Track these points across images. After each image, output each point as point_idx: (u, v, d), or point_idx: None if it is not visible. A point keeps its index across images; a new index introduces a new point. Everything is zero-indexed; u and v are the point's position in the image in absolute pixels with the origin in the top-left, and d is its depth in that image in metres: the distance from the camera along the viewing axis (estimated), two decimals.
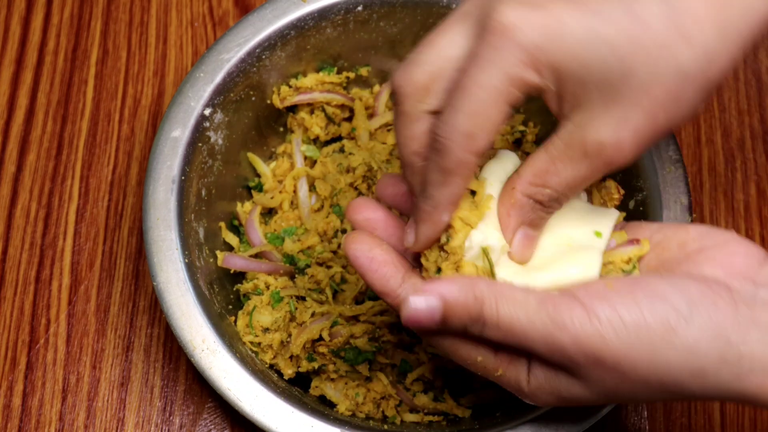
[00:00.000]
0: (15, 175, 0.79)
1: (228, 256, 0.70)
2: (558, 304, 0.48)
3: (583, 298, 0.48)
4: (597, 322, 0.47)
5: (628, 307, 0.48)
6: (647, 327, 0.47)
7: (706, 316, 0.48)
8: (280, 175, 0.76)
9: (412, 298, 0.49)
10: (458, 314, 0.49)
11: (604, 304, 0.48)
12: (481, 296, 0.49)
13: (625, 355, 0.47)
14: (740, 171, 0.80)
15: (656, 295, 0.48)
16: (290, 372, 0.68)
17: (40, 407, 0.72)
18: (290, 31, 0.72)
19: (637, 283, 0.49)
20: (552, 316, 0.48)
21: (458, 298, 0.49)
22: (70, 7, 0.85)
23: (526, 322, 0.48)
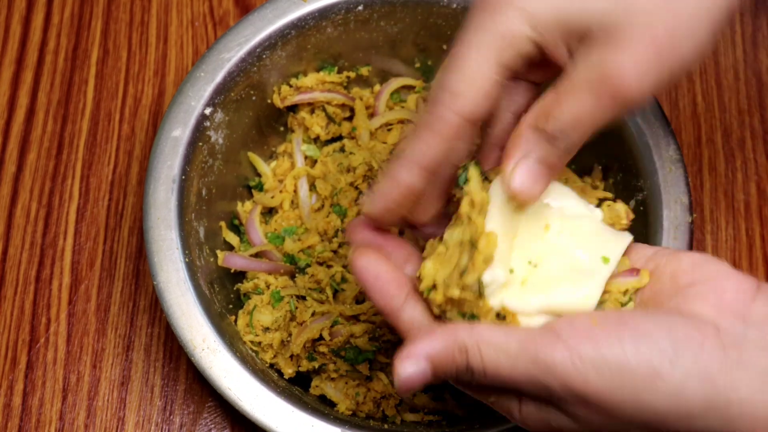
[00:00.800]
0: (15, 174, 0.79)
1: (228, 255, 0.70)
2: (540, 345, 0.47)
3: (566, 338, 0.47)
4: (579, 362, 0.46)
5: (611, 347, 0.46)
6: (631, 368, 0.46)
7: (692, 358, 0.46)
8: (281, 174, 0.76)
9: (400, 366, 0.49)
10: (446, 368, 0.49)
11: (587, 344, 0.47)
12: (464, 346, 0.48)
13: (609, 396, 0.47)
14: (740, 171, 0.80)
15: (642, 335, 0.47)
16: (290, 371, 0.68)
17: (40, 406, 0.72)
18: (291, 30, 0.72)
19: (624, 322, 0.48)
20: (534, 358, 0.47)
21: (442, 353, 0.49)
22: (70, 7, 0.85)
23: (510, 367, 0.48)
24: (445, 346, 0.49)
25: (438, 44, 0.76)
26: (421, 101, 0.77)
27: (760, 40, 0.85)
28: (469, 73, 0.49)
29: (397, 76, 0.78)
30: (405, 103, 0.78)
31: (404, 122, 0.76)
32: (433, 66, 0.78)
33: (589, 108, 0.49)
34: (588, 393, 0.47)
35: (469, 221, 0.50)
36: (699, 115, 0.82)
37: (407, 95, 0.78)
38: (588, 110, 0.49)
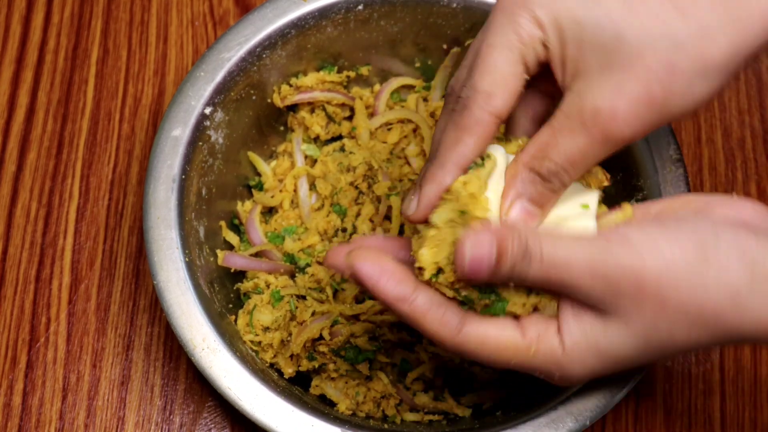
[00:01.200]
0: (15, 174, 0.79)
1: (228, 255, 0.70)
2: (595, 237, 0.49)
3: (620, 231, 0.49)
4: (637, 249, 0.48)
5: (663, 236, 0.48)
6: (682, 250, 0.48)
7: (731, 239, 0.48)
8: (281, 174, 0.76)
9: (468, 244, 0.49)
10: (510, 252, 0.48)
11: (640, 235, 0.48)
12: (525, 235, 0.49)
13: (666, 279, 0.48)
14: (740, 170, 0.80)
15: (684, 221, 0.49)
16: (290, 371, 0.68)
17: (40, 406, 0.72)
18: (291, 30, 0.72)
19: (663, 220, 0.51)
20: (592, 246, 0.48)
21: (507, 236, 0.49)
22: (70, 6, 0.85)
23: (566, 255, 0.48)
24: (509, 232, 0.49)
25: (438, 44, 0.76)
26: (420, 101, 0.77)
27: None
28: (500, 73, 0.51)
29: (397, 76, 0.78)
30: (405, 103, 0.78)
31: (404, 122, 0.76)
32: (432, 66, 0.78)
33: (582, 146, 0.51)
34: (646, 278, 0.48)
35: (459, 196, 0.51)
36: (699, 114, 0.82)
37: (407, 95, 0.78)
38: (581, 148, 0.51)
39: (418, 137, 0.76)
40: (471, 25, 0.74)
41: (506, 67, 0.51)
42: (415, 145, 0.75)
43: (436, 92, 0.78)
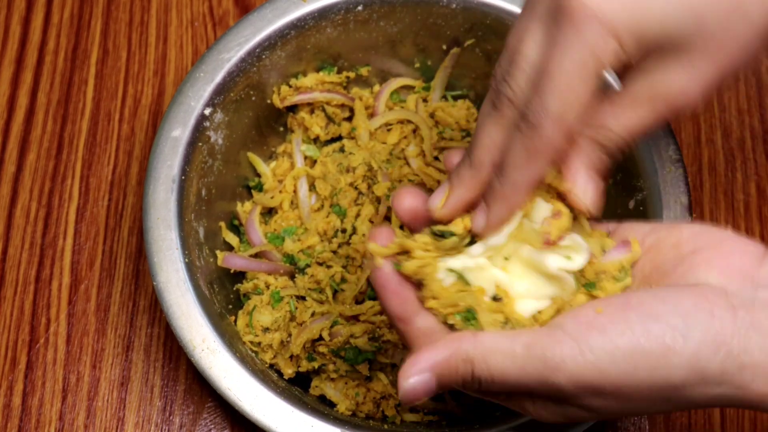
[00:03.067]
0: (15, 174, 0.79)
1: (228, 255, 0.70)
2: (547, 344, 0.47)
3: (572, 332, 0.47)
4: (591, 354, 0.46)
5: (621, 333, 0.46)
6: (644, 351, 0.46)
7: (704, 328, 0.46)
8: (280, 174, 0.76)
9: (404, 378, 0.49)
10: (451, 378, 0.49)
11: (595, 334, 0.46)
12: (468, 357, 0.48)
13: (625, 381, 0.46)
14: (740, 171, 0.80)
15: (649, 316, 0.46)
16: (290, 372, 0.68)
17: (40, 407, 0.72)
18: (290, 30, 0.72)
19: (628, 304, 0.47)
20: (542, 359, 0.47)
21: (446, 364, 0.49)
22: (70, 7, 0.85)
23: (518, 372, 0.47)
24: (449, 356, 0.49)
25: (438, 44, 0.76)
26: (420, 101, 0.77)
27: None
28: (571, 90, 0.48)
29: (396, 76, 0.78)
30: (404, 103, 0.78)
31: (404, 122, 0.76)
32: (432, 66, 0.78)
33: (645, 121, 0.51)
34: (603, 384, 0.46)
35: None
36: (698, 114, 0.82)
37: (407, 95, 0.78)
38: (642, 123, 0.51)
39: (417, 138, 0.76)
40: (470, 26, 0.74)
41: (579, 86, 0.48)
42: (414, 146, 0.75)
43: (435, 93, 0.78)
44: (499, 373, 0.48)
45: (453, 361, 0.49)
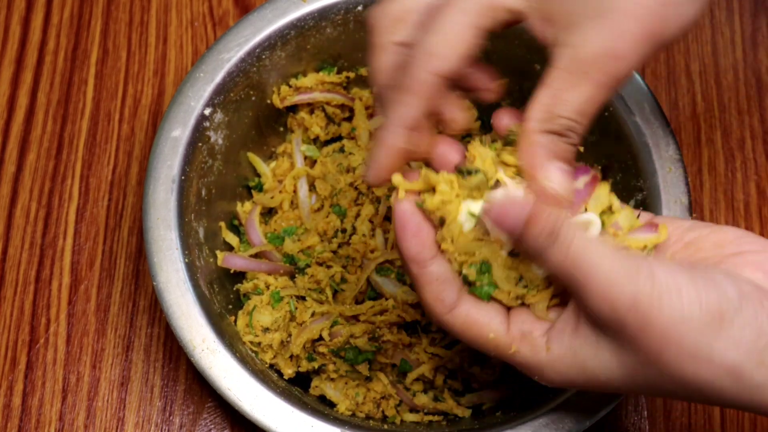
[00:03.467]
0: (15, 174, 0.79)
1: (228, 256, 0.70)
2: (629, 260, 0.47)
3: (652, 264, 0.47)
4: (659, 288, 0.46)
5: (687, 288, 0.47)
6: (701, 308, 0.46)
7: (753, 312, 0.47)
8: (280, 174, 0.76)
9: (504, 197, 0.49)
10: (540, 224, 0.48)
11: (667, 278, 0.47)
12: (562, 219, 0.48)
13: (676, 327, 0.46)
14: (740, 171, 0.80)
15: (712, 281, 0.47)
16: (290, 372, 0.68)
17: (40, 407, 0.72)
18: (290, 30, 0.72)
19: (695, 266, 0.49)
20: (621, 267, 0.47)
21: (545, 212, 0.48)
22: (70, 7, 0.85)
23: (593, 260, 0.47)
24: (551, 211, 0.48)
25: None
26: None
27: (760, 40, 0.85)
28: (449, 32, 0.50)
29: None
30: None
31: None
32: None
33: (588, 95, 0.50)
34: (656, 319, 0.46)
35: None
36: (699, 115, 0.82)
37: None
38: (588, 98, 0.50)
39: None
40: None
41: (460, 29, 0.50)
42: None
43: None
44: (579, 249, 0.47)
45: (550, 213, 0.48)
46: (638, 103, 0.69)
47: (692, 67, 0.84)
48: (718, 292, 0.47)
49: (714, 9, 0.86)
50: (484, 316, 0.52)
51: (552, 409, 0.60)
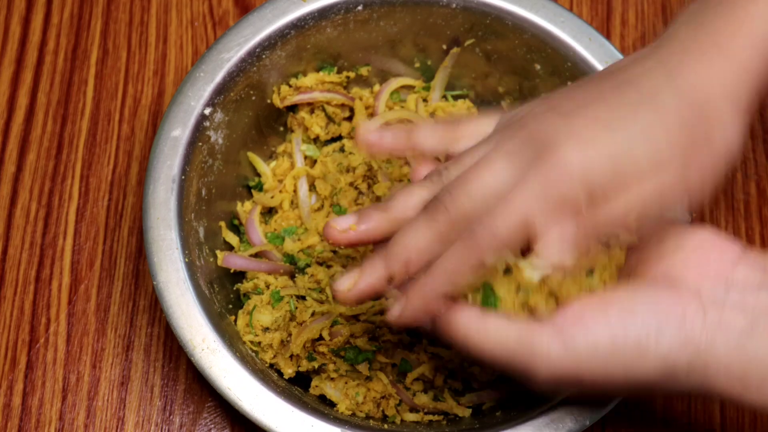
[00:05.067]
0: (15, 174, 0.79)
1: (228, 255, 0.70)
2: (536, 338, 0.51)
3: (560, 326, 0.51)
4: (574, 352, 0.50)
5: (601, 330, 0.50)
6: (621, 347, 0.50)
7: (675, 330, 0.50)
8: (280, 174, 0.76)
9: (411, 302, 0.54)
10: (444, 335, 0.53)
11: (580, 330, 0.51)
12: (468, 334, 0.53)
13: (602, 375, 0.51)
14: (740, 170, 0.80)
15: (629, 314, 0.51)
16: (290, 371, 0.68)
17: (40, 406, 0.72)
18: (290, 30, 0.72)
19: (610, 302, 0.51)
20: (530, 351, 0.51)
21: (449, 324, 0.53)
22: (70, 7, 0.85)
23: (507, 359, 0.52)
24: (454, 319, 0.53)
25: (438, 44, 0.76)
26: (420, 101, 0.77)
27: None
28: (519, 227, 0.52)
29: (396, 76, 0.78)
30: (405, 103, 0.78)
31: (404, 122, 0.76)
32: (432, 66, 0.78)
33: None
34: (581, 376, 0.51)
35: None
36: None
37: (407, 95, 0.78)
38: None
39: None
40: (471, 25, 0.74)
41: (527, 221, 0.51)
42: None
43: (435, 92, 0.78)
44: (490, 354, 0.52)
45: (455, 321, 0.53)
46: None
47: None
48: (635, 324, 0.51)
49: None
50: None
51: (552, 408, 0.60)
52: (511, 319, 0.52)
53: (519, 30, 0.72)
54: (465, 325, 0.52)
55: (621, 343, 0.50)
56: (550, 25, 0.71)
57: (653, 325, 0.50)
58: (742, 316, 0.50)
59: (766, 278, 0.52)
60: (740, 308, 0.51)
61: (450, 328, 0.53)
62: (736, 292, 0.51)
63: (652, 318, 0.51)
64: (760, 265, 0.52)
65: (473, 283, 0.53)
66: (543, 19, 0.71)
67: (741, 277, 0.52)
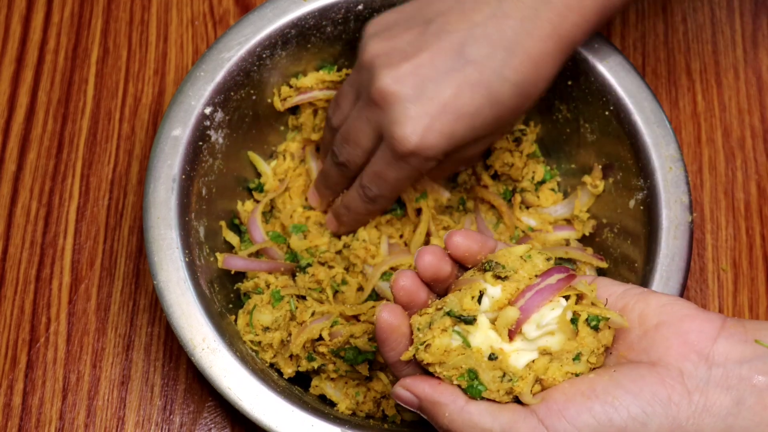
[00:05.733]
0: (15, 173, 0.79)
1: (228, 257, 0.70)
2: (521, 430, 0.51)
3: (544, 418, 0.51)
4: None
5: (586, 422, 0.50)
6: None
7: (662, 415, 0.50)
8: (281, 173, 0.76)
9: (398, 389, 0.55)
10: (432, 419, 0.54)
11: (564, 423, 0.51)
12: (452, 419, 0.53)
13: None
14: (740, 170, 0.80)
15: (612, 406, 0.51)
16: (290, 371, 0.68)
17: (40, 406, 0.72)
18: (290, 29, 0.72)
19: (594, 392, 0.51)
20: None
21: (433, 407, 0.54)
22: (70, 6, 0.85)
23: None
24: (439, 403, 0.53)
25: None
26: None
27: (760, 40, 0.85)
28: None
29: None
30: None
31: None
32: None
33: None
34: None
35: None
36: (699, 114, 0.82)
37: None
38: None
39: None
40: None
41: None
42: None
43: None
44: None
45: (439, 409, 0.53)
46: (638, 102, 0.69)
47: (693, 66, 0.84)
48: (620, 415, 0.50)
49: (714, 8, 0.86)
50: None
51: None
52: (495, 410, 0.52)
53: None
54: (450, 413, 0.53)
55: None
56: None
57: (639, 415, 0.50)
58: (727, 394, 0.50)
59: (746, 350, 0.51)
60: (724, 386, 0.51)
61: (435, 412, 0.54)
62: (719, 369, 0.51)
63: (636, 405, 0.50)
64: (739, 336, 0.52)
65: (458, 368, 0.53)
66: None
67: (722, 351, 0.51)
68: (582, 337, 0.53)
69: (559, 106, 0.74)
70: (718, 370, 0.51)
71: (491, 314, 0.54)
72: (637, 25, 0.85)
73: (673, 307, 0.54)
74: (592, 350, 0.53)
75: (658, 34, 0.85)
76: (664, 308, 0.54)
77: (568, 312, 0.53)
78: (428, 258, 0.56)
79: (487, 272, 0.54)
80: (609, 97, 0.70)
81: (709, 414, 0.50)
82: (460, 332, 0.54)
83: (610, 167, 0.72)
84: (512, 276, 0.54)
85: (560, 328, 0.53)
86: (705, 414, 0.50)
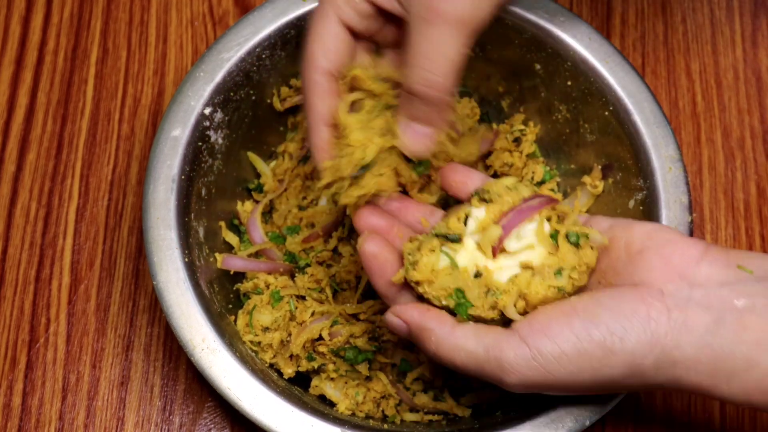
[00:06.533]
0: (15, 174, 0.79)
1: (227, 257, 0.70)
2: (504, 349, 0.53)
3: (526, 337, 0.53)
4: (541, 359, 0.52)
5: (567, 339, 0.52)
6: (587, 354, 0.52)
7: (640, 330, 0.52)
8: (280, 174, 0.76)
9: (389, 316, 0.57)
10: (420, 344, 0.56)
11: (545, 340, 0.52)
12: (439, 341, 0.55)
13: (571, 380, 0.52)
14: (740, 170, 0.80)
15: (591, 322, 0.52)
16: (290, 371, 0.68)
17: (40, 406, 0.72)
18: (290, 30, 0.72)
19: (574, 311, 0.53)
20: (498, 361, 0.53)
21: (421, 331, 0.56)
22: (70, 7, 0.85)
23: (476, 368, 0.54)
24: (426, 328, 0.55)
25: None
26: None
27: (760, 40, 0.85)
28: (320, 37, 0.58)
29: None
30: None
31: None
32: None
33: (433, 43, 0.53)
34: (550, 382, 0.53)
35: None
36: (698, 114, 0.82)
37: None
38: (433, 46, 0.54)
39: None
40: None
41: (325, 30, 0.58)
42: None
43: None
44: (461, 364, 0.55)
45: (427, 335, 0.55)
46: (638, 102, 0.69)
47: (692, 67, 0.84)
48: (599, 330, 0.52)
49: (714, 8, 0.86)
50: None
51: (552, 408, 0.60)
52: (480, 332, 0.54)
53: (519, 30, 0.72)
54: (437, 338, 0.55)
55: (586, 347, 0.52)
56: (550, 24, 0.71)
57: (617, 329, 0.52)
58: (706, 314, 0.52)
59: (728, 274, 0.53)
60: (704, 306, 0.52)
61: (423, 337, 0.55)
62: (700, 290, 0.52)
63: (615, 321, 0.52)
64: (722, 261, 0.53)
65: (446, 288, 0.55)
66: (543, 19, 0.71)
67: (704, 274, 0.53)
68: (563, 253, 0.55)
69: (559, 107, 0.74)
70: (699, 290, 0.52)
71: (477, 236, 0.56)
72: (637, 25, 0.85)
73: (657, 233, 0.55)
74: (573, 266, 0.55)
75: (657, 34, 0.85)
76: (649, 234, 0.55)
77: (546, 225, 0.55)
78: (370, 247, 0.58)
79: (473, 197, 0.57)
80: (609, 98, 0.70)
81: (688, 331, 0.51)
82: (447, 252, 0.56)
83: (609, 167, 0.72)
84: (497, 200, 0.57)
85: (539, 241, 0.55)
86: (683, 330, 0.51)
